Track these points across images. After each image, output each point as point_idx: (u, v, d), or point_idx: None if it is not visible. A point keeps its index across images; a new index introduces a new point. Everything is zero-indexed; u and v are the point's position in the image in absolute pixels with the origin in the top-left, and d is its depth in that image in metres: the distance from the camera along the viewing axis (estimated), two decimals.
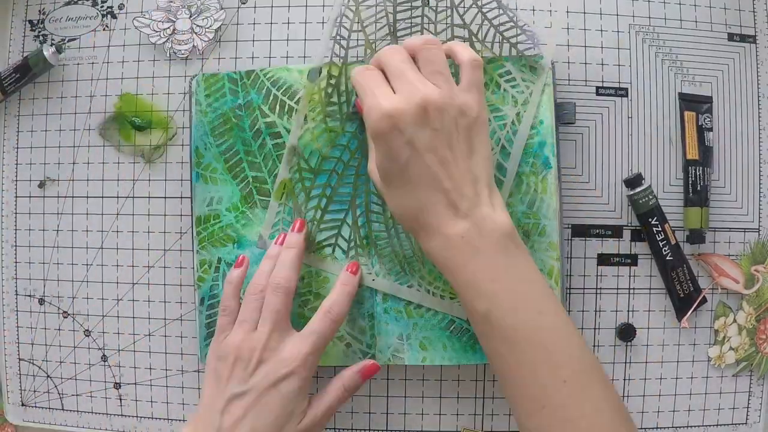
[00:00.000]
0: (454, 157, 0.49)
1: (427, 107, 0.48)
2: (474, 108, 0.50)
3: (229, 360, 0.54)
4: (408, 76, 0.49)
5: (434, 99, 0.48)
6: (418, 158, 0.48)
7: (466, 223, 0.49)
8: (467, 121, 0.50)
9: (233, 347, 0.55)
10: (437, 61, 0.50)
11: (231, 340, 0.55)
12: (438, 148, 0.49)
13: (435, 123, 0.48)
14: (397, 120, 0.48)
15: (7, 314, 0.67)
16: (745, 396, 0.64)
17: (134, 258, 0.65)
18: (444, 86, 0.49)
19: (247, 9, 0.64)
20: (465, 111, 0.49)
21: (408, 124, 0.48)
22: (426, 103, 0.48)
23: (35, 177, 0.66)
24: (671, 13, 0.63)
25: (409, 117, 0.48)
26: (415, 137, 0.48)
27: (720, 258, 0.63)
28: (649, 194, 0.61)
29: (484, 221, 0.49)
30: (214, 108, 0.61)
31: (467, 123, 0.50)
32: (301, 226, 0.59)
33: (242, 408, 0.52)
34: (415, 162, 0.49)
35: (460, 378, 0.63)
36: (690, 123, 0.62)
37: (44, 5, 0.66)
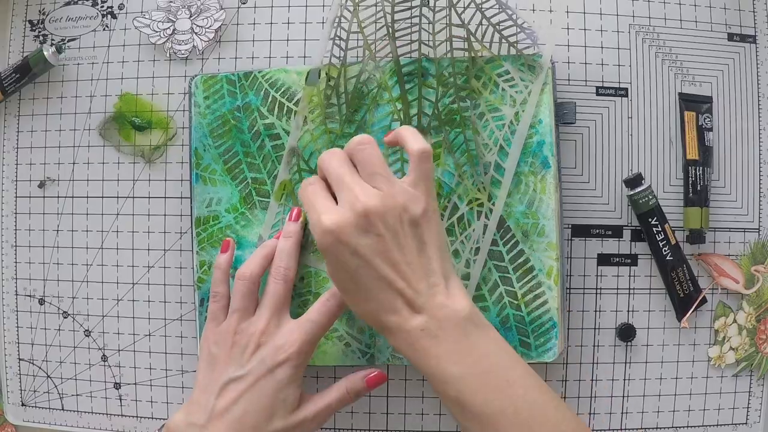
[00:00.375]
0: (404, 256, 0.49)
1: (368, 215, 0.48)
2: (420, 203, 0.50)
3: (227, 345, 0.55)
4: (346, 183, 0.50)
5: (374, 205, 0.48)
6: (367, 265, 0.48)
7: (423, 317, 0.49)
8: (412, 217, 0.49)
9: (230, 333, 0.55)
10: (373, 162, 0.50)
11: (228, 326, 0.55)
12: (386, 251, 0.48)
13: (378, 228, 0.48)
14: (339, 234, 0.48)
15: (7, 314, 0.67)
16: (745, 396, 0.64)
17: (134, 258, 0.65)
18: (384, 187, 0.49)
19: (247, 9, 0.64)
20: (409, 208, 0.49)
21: (351, 235, 0.48)
22: (366, 212, 0.48)
23: (35, 177, 0.66)
24: (671, 13, 0.63)
25: (351, 228, 0.48)
26: (359, 246, 0.48)
27: (720, 258, 0.63)
28: (649, 194, 0.61)
29: (440, 310, 0.49)
30: (212, 110, 0.61)
31: (412, 219, 0.49)
32: (297, 215, 0.59)
33: (237, 391, 0.53)
34: (365, 269, 0.48)
35: None
36: (690, 123, 0.62)
37: (44, 5, 0.66)
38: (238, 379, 0.53)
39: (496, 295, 0.59)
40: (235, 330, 0.55)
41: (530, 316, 0.59)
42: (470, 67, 0.59)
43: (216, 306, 0.58)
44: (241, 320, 0.55)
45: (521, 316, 0.59)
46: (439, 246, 0.51)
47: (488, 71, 0.58)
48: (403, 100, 0.59)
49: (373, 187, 0.49)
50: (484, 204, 0.58)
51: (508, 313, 0.59)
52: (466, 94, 0.59)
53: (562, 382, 0.63)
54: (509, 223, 0.58)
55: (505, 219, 0.58)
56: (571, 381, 0.63)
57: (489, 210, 0.58)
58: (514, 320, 0.59)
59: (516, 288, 0.59)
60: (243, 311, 0.56)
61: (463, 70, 0.59)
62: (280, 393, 0.53)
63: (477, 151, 0.58)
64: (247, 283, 0.56)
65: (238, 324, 0.55)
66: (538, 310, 0.59)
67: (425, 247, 0.50)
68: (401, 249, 0.49)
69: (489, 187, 0.58)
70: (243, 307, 0.56)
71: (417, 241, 0.50)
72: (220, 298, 0.58)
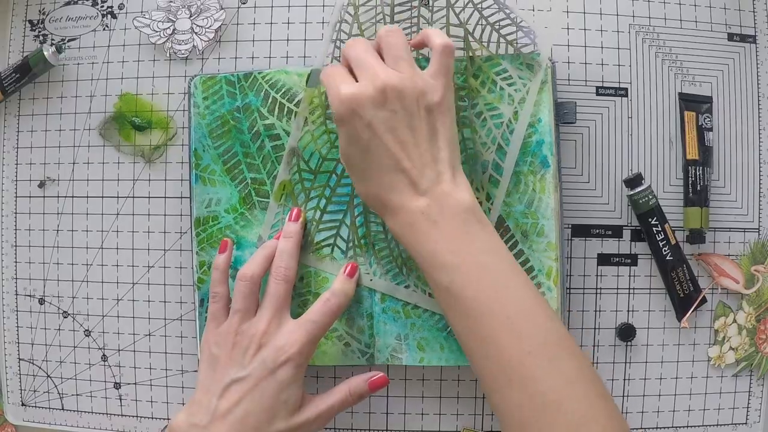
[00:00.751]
0: (415, 138, 0.50)
1: (385, 90, 0.49)
2: (437, 92, 0.51)
3: (228, 346, 0.55)
4: (368, 63, 0.51)
5: (393, 82, 0.49)
6: (378, 140, 0.50)
7: (426, 199, 0.50)
8: (428, 103, 0.50)
9: (231, 333, 0.55)
10: (398, 46, 0.51)
11: (229, 327, 0.56)
12: (397, 129, 0.50)
13: (394, 105, 0.49)
14: (356, 104, 0.49)
15: (7, 314, 0.67)
16: (745, 396, 0.64)
17: (134, 258, 0.65)
18: (405, 70, 0.50)
19: (247, 9, 0.64)
20: (426, 94, 0.50)
21: (367, 107, 0.49)
22: (385, 86, 0.49)
23: (35, 177, 0.66)
24: (671, 13, 0.63)
25: (368, 100, 0.49)
26: (374, 119, 0.49)
27: (720, 258, 0.63)
28: (649, 194, 0.61)
29: (444, 197, 0.50)
30: (212, 110, 0.61)
31: (428, 105, 0.50)
32: (297, 216, 0.59)
33: (239, 393, 0.53)
34: (375, 144, 0.50)
35: (460, 378, 0.63)
36: (690, 123, 0.62)
37: (44, 5, 0.66)
38: (239, 380, 0.53)
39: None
40: (236, 331, 0.55)
41: None
42: (468, 66, 0.59)
43: (216, 306, 0.58)
44: (243, 321, 0.55)
45: None
46: (450, 138, 0.52)
47: (486, 70, 0.58)
48: None
49: (396, 70, 0.50)
50: (483, 203, 0.58)
51: None
52: (465, 93, 0.59)
53: None
54: (508, 222, 0.58)
55: (504, 219, 0.58)
56: None
57: (488, 209, 0.58)
58: None
59: None
60: (244, 312, 0.56)
61: (462, 70, 0.59)
62: (282, 394, 0.53)
63: (475, 149, 0.58)
64: (248, 284, 0.56)
65: (240, 325, 0.55)
66: None
67: (437, 135, 0.51)
68: (413, 131, 0.50)
69: (487, 186, 0.58)
70: (244, 308, 0.56)
71: (429, 128, 0.51)
72: (220, 298, 0.58)
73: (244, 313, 0.56)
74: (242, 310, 0.56)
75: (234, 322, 0.55)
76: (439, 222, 0.50)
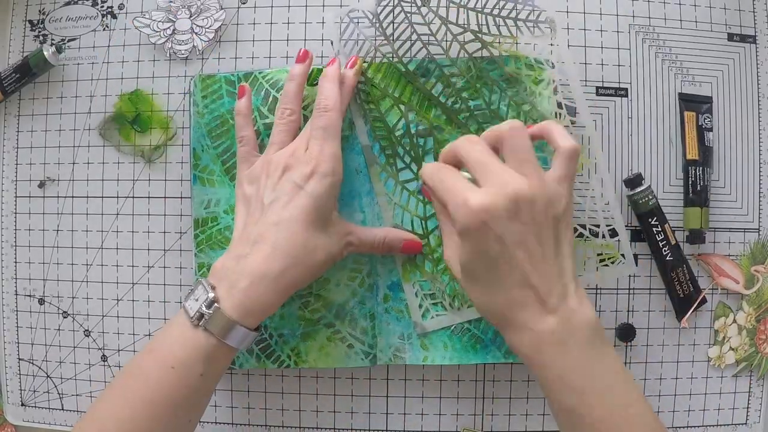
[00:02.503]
0: (543, 251, 0.47)
1: (518, 200, 0.45)
2: (564, 200, 0.48)
3: (261, 179, 0.55)
4: (494, 168, 0.47)
5: (525, 191, 0.46)
6: (508, 254, 0.46)
7: (554, 319, 0.47)
8: (555, 213, 0.47)
9: (264, 164, 0.55)
10: (525, 148, 0.48)
11: (261, 161, 0.56)
12: (527, 242, 0.46)
13: (525, 216, 0.46)
14: (488, 216, 0.45)
15: (7, 314, 0.67)
16: (745, 396, 0.64)
17: (134, 258, 0.65)
18: (533, 175, 0.47)
19: (247, 9, 0.64)
20: (554, 202, 0.47)
21: (499, 219, 0.45)
22: (517, 196, 0.45)
23: (35, 177, 0.66)
24: (671, 13, 0.63)
25: (501, 212, 0.45)
26: (506, 233, 0.46)
27: (720, 258, 0.63)
28: (649, 194, 0.61)
29: (572, 316, 0.47)
30: (211, 110, 0.61)
31: (555, 215, 0.47)
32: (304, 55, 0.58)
33: (275, 214, 0.52)
34: (505, 259, 0.46)
35: (460, 378, 0.63)
36: (690, 123, 0.62)
37: (44, 5, 0.66)
38: (273, 202, 0.53)
39: None
40: (269, 161, 0.55)
41: None
42: (472, 67, 0.59)
43: (245, 149, 0.58)
44: (276, 152, 0.56)
45: None
46: (572, 248, 0.49)
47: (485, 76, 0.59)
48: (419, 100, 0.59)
49: (522, 175, 0.47)
50: None
51: None
52: (467, 94, 0.59)
53: None
54: None
55: None
56: None
57: None
58: None
59: None
60: (279, 144, 0.56)
61: (463, 71, 0.59)
62: (315, 207, 0.53)
63: None
64: (287, 120, 0.57)
65: (271, 156, 0.55)
66: None
67: (561, 246, 0.48)
68: (541, 243, 0.47)
69: None
70: (279, 141, 0.56)
71: (555, 239, 0.48)
72: (247, 141, 0.58)
73: (278, 146, 0.56)
74: (277, 143, 0.56)
75: (269, 153, 0.56)
76: (569, 343, 0.47)
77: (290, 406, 0.64)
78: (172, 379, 0.49)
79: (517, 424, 0.63)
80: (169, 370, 0.49)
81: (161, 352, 0.50)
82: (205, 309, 0.50)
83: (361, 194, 0.60)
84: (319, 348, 0.60)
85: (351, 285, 0.60)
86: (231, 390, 0.64)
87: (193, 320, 0.50)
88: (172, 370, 0.49)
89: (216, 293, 0.51)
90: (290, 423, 0.64)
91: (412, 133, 0.59)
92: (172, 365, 0.49)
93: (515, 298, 0.47)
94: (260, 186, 0.55)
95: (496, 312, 0.49)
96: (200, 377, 0.50)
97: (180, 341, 0.50)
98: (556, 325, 0.47)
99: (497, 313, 0.49)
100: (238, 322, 0.50)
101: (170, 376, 0.49)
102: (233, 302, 0.50)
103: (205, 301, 0.50)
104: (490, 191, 0.46)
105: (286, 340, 0.60)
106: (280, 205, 0.52)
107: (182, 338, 0.50)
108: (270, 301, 0.51)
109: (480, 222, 0.45)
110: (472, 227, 0.46)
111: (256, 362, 0.60)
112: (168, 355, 0.50)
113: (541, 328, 0.47)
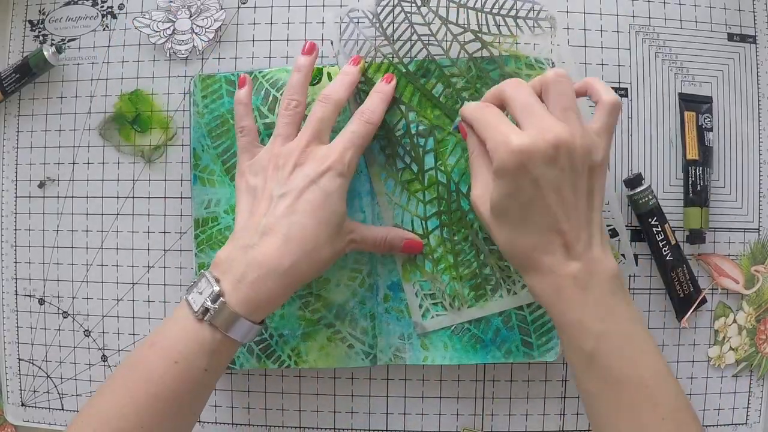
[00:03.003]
0: (575, 198, 0.48)
1: (558, 146, 0.46)
2: (601, 152, 0.49)
3: (268, 170, 0.54)
4: (538, 112, 0.48)
5: (566, 138, 0.46)
6: (541, 198, 0.47)
7: (578, 264, 0.48)
8: (592, 162, 0.48)
9: (271, 156, 0.55)
10: (568, 96, 0.48)
11: (267, 152, 0.56)
12: (562, 188, 0.47)
13: (563, 162, 0.47)
14: (527, 158, 0.46)
15: (7, 314, 0.67)
16: (745, 396, 0.64)
17: (134, 258, 0.65)
18: (575, 124, 0.47)
19: (247, 9, 0.64)
20: (592, 153, 0.48)
21: (537, 162, 0.46)
22: (558, 142, 0.46)
23: (35, 177, 0.66)
24: (671, 13, 0.63)
25: (540, 155, 0.46)
26: (542, 176, 0.46)
27: (720, 258, 0.63)
28: (649, 194, 0.61)
29: (595, 263, 0.48)
30: (211, 110, 0.61)
31: (592, 165, 0.48)
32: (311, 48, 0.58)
33: (285, 206, 0.52)
34: (538, 201, 0.47)
35: (460, 378, 0.63)
36: (690, 123, 0.62)
37: (44, 5, 0.66)
38: (284, 195, 0.52)
39: (498, 295, 0.59)
40: (277, 153, 0.55)
41: (532, 316, 0.59)
42: (472, 67, 0.59)
43: (245, 140, 0.57)
44: (282, 144, 0.55)
45: (523, 315, 0.59)
46: (602, 200, 0.50)
47: (484, 76, 0.59)
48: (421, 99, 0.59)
49: (563, 121, 0.47)
50: None
51: (510, 312, 0.59)
52: (468, 94, 0.59)
53: (563, 382, 0.63)
54: None
55: None
56: (571, 381, 0.63)
57: None
58: (517, 320, 0.59)
59: (518, 287, 0.59)
60: (285, 136, 0.56)
61: (464, 71, 0.59)
62: (327, 204, 0.53)
63: None
64: (293, 112, 0.56)
65: (281, 147, 0.55)
66: (540, 310, 0.59)
67: (593, 196, 0.49)
68: (575, 191, 0.48)
69: None
70: (285, 134, 0.56)
71: (588, 188, 0.49)
72: (248, 131, 0.58)
73: (284, 138, 0.56)
74: (283, 135, 0.56)
75: (275, 145, 0.55)
76: (590, 289, 0.48)
77: (290, 406, 0.64)
78: (176, 374, 0.49)
79: (517, 424, 0.63)
80: (172, 365, 0.49)
81: (164, 347, 0.50)
82: (210, 303, 0.49)
83: (361, 194, 0.60)
84: (319, 348, 0.60)
85: (351, 285, 0.60)
86: (231, 390, 0.64)
87: (198, 314, 0.50)
88: (175, 364, 0.49)
89: (221, 286, 0.50)
90: (290, 423, 0.64)
91: (412, 133, 0.59)
92: (175, 360, 0.49)
93: (542, 241, 0.48)
94: (267, 178, 0.54)
95: (521, 253, 0.50)
96: (204, 372, 0.50)
97: (183, 335, 0.50)
98: (579, 271, 0.48)
99: (522, 254, 0.49)
100: (245, 317, 0.50)
101: (174, 371, 0.49)
102: (239, 296, 0.50)
103: (210, 295, 0.50)
104: (531, 134, 0.46)
105: (287, 340, 0.60)
106: (292, 198, 0.52)
107: (185, 332, 0.50)
108: (277, 295, 0.51)
109: (519, 162, 0.46)
110: (510, 167, 0.46)
111: (257, 362, 0.60)
112: (171, 349, 0.49)
113: (564, 271, 0.48)
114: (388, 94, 0.58)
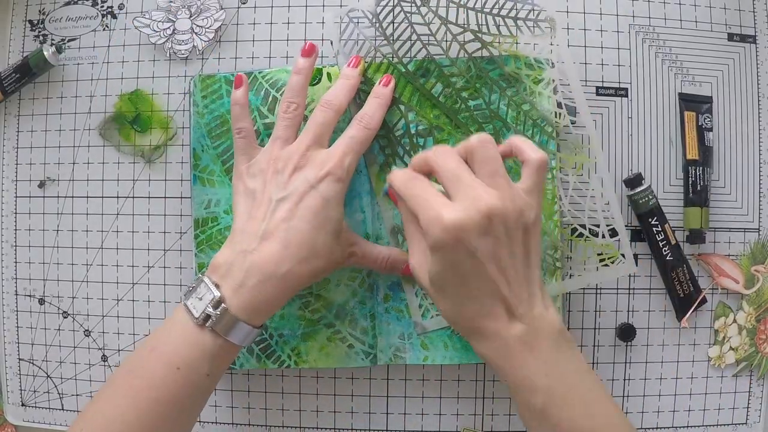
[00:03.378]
0: (513, 262, 0.47)
1: (491, 216, 0.45)
2: (534, 210, 0.48)
3: (267, 173, 0.54)
4: (467, 181, 0.47)
5: (498, 206, 0.46)
6: (480, 268, 0.46)
7: (522, 326, 0.47)
8: (525, 223, 0.48)
9: (270, 159, 0.55)
10: (494, 160, 0.48)
11: (265, 156, 0.55)
12: (500, 256, 0.47)
13: (498, 231, 0.46)
14: (462, 232, 0.45)
15: (7, 314, 0.67)
16: (745, 396, 0.64)
17: (134, 258, 0.65)
18: (504, 189, 0.47)
19: (247, 9, 0.64)
20: (524, 214, 0.47)
21: (473, 235, 0.45)
22: (490, 212, 0.45)
23: (35, 177, 0.66)
24: (671, 13, 0.63)
25: (474, 228, 0.45)
26: (478, 248, 0.46)
27: (720, 258, 0.63)
28: (649, 194, 0.61)
29: (538, 321, 0.48)
30: (210, 110, 0.61)
31: (525, 226, 0.48)
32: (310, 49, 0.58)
33: (284, 211, 0.52)
34: (477, 272, 0.47)
35: (460, 378, 0.63)
36: (690, 123, 0.62)
37: (44, 5, 0.66)
38: (283, 200, 0.52)
39: None
40: (276, 156, 0.55)
41: None
42: (471, 67, 0.59)
43: (242, 142, 0.57)
44: (281, 147, 0.55)
45: None
46: (539, 256, 0.50)
47: (485, 76, 0.59)
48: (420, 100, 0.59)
49: (492, 187, 0.47)
50: None
51: None
52: (468, 94, 0.59)
53: None
54: None
55: None
56: None
57: None
58: None
59: None
60: (284, 140, 0.56)
61: (463, 71, 0.59)
62: (326, 209, 0.53)
63: None
64: (292, 115, 0.56)
65: (280, 151, 0.55)
66: None
67: (530, 255, 0.49)
68: (512, 255, 0.47)
69: None
70: (285, 137, 0.56)
71: (524, 249, 0.48)
72: (246, 133, 0.57)
73: (284, 141, 0.55)
74: (282, 138, 0.55)
75: (274, 148, 0.55)
76: (535, 347, 0.47)
77: (290, 406, 0.64)
78: (178, 379, 0.49)
79: (517, 424, 0.63)
80: (174, 371, 0.49)
81: (165, 352, 0.50)
82: (211, 310, 0.50)
83: (361, 194, 0.60)
84: (319, 348, 0.60)
85: (351, 285, 0.60)
86: (231, 390, 0.64)
87: (199, 321, 0.50)
88: (177, 370, 0.49)
89: (221, 292, 0.50)
90: (290, 423, 0.64)
91: (411, 133, 0.59)
92: (177, 366, 0.49)
93: (485, 308, 0.48)
94: (266, 181, 0.54)
95: (464, 320, 0.49)
96: (206, 377, 0.50)
97: (184, 341, 0.50)
98: (523, 331, 0.47)
99: (465, 321, 0.49)
100: (245, 322, 0.50)
101: (176, 376, 0.49)
102: (240, 301, 0.50)
103: (210, 301, 0.50)
104: (463, 205, 0.46)
105: (287, 340, 0.60)
106: (292, 203, 0.52)
107: (186, 338, 0.50)
108: (276, 299, 0.51)
109: (454, 238, 0.45)
110: (446, 243, 0.46)
111: (257, 362, 0.60)
112: (173, 355, 0.50)
113: (509, 334, 0.47)
114: (387, 97, 0.58)
